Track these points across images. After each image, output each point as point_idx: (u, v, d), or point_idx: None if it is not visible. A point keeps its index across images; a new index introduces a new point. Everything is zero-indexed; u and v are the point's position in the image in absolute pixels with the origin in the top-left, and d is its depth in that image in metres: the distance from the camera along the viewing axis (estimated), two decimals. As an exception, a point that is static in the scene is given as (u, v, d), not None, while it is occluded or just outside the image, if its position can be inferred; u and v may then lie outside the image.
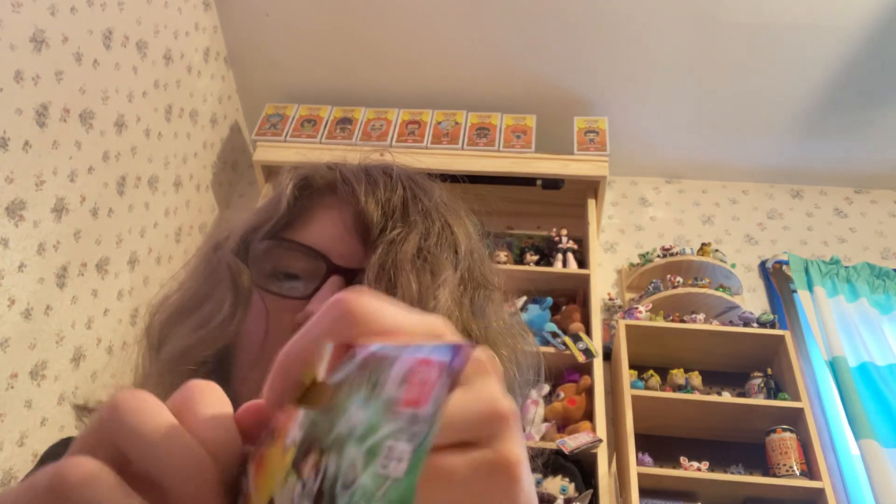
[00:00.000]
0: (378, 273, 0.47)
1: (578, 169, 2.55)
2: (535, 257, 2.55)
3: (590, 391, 2.12)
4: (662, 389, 2.22)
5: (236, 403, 0.43)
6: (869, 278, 2.55)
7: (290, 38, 2.79)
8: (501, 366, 0.49)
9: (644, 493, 1.95)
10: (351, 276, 0.48)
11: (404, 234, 0.49)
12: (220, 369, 0.50)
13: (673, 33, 2.58)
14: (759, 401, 2.13)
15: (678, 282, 2.44)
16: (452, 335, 0.25)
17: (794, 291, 2.57)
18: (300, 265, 0.50)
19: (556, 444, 1.93)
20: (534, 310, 2.31)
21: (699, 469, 2.05)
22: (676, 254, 2.55)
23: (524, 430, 0.55)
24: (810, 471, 1.99)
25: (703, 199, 2.97)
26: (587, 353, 2.16)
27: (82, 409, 0.51)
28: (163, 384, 0.49)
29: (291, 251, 0.51)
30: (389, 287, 0.46)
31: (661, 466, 2.10)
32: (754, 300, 2.60)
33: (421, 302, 0.46)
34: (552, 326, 2.26)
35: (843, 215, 2.88)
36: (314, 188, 0.55)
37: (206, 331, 0.49)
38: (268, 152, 2.64)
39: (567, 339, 2.19)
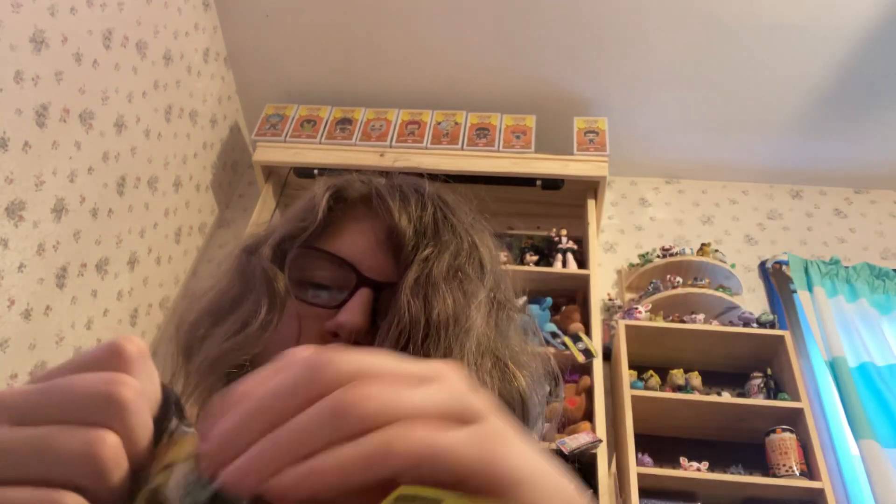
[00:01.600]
0: (413, 289, 0.48)
1: (578, 169, 2.55)
2: (535, 257, 2.55)
3: (589, 391, 2.12)
4: (662, 390, 2.22)
5: None
6: (869, 278, 2.55)
7: (290, 39, 2.79)
8: (526, 384, 0.50)
9: (644, 493, 1.95)
10: (379, 289, 0.50)
11: (437, 252, 0.51)
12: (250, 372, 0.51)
13: (673, 34, 2.58)
14: (759, 401, 2.13)
15: (678, 282, 2.44)
16: (457, 378, 0.27)
17: (794, 292, 2.57)
18: (331, 275, 0.52)
19: (555, 444, 1.93)
20: (533, 310, 2.31)
21: (699, 469, 2.05)
22: (676, 254, 2.55)
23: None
24: (810, 471, 1.99)
25: (703, 199, 2.97)
26: (587, 353, 2.16)
27: None
28: (202, 386, 0.51)
29: (323, 261, 0.52)
30: (426, 303, 0.47)
31: (661, 467, 2.10)
32: (754, 300, 2.59)
33: (456, 319, 0.47)
34: (552, 327, 2.26)
35: (842, 216, 2.88)
36: (347, 200, 0.56)
37: (242, 336, 0.50)
38: (268, 153, 2.64)
39: (567, 340, 2.19)
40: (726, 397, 2.19)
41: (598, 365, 2.16)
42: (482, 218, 0.59)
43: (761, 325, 2.31)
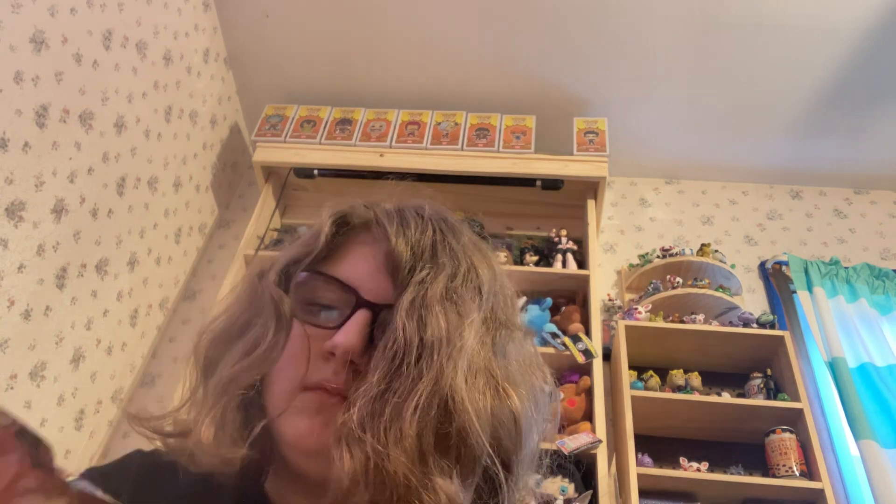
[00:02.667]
0: (409, 311, 0.50)
1: (578, 169, 2.55)
2: (535, 258, 2.55)
3: (589, 392, 2.12)
4: (662, 390, 2.22)
5: (274, 424, 0.52)
6: (868, 279, 2.55)
7: (290, 39, 2.79)
8: (520, 403, 0.52)
9: (644, 493, 1.95)
10: (378, 311, 0.52)
11: (433, 274, 0.53)
12: (263, 391, 0.55)
13: (672, 34, 2.58)
14: (759, 401, 2.13)
15: (678, 282, 2.44)
16: None
17: (794, 292, 2.57)
18: (333, 297, 0.54)
19: (555, 444, 1.93)
20: (533, 310, 2.31)
21: (699, 470, 2.05)
22: (676, 254, 2.55)
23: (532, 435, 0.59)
24: (810, 471, 1.99)
25: (703, 199, 2.97)
26: (587, 353, 2.16)
27: (134, 418, 0.56)
28: (217, 406, 0.54)
29: (325, 284, 0.55)
30: (419, 325, 0.49)
31: (661, 467, 2.10)
32: (754, 301, 2.60)
33: (448, 340, 0.49)
34: (552, 327, 2.26)
35: (842, 216, 2.88)
36: (350, 225, 0.59)
37: (252, 358, 0.54)
38: (267, 153, 2.64)
39: (567, 340, 2.19)
40: (726, 398, 2.19)
41: (598, 365, 2.16)
42: (483, 240, 0.61)
43: (761, 325, 2.31)
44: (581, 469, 1.96)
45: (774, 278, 2.65)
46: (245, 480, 0.54)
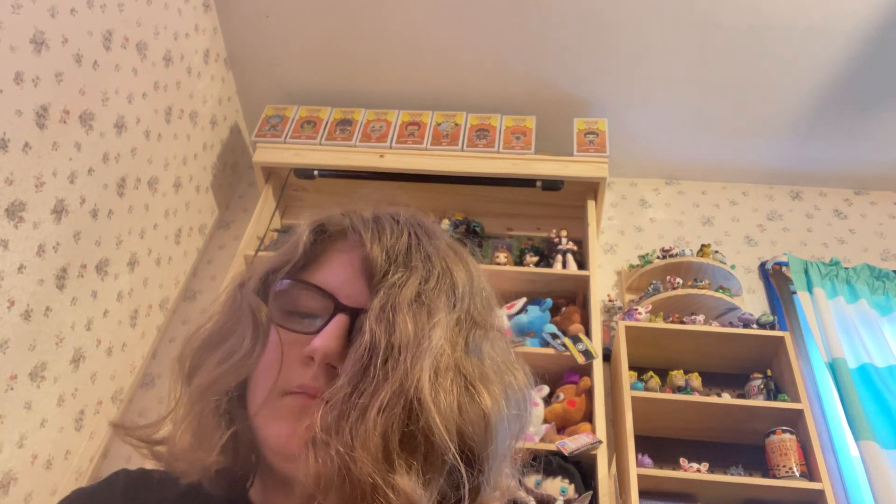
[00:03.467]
0: (378, 315, 0.51)
1: (578, 170, 2.55)
2: (535, 258, 2.55)
3: (589, 392, 2.12)
4: (662, 391, 2.22)
5: (256, 430, 0.53)
6: (868, 280, 2.55)
7: (290, 40, 2.79)
8: (492, 401, 0.52)
9: (644, 494, 1.95)
10: (355, 315, 0.53)
11: (405, 278, 0.54)
12: (242, 397, 0.56)
13: (672, 35, 2.58)
14: (759, 402, 2.13)
15: (678, 283, 2.44)
16: None
17: (794, 293, 2.57)
18: (312, 304, 0.55)
19: (555, 445, 1.93)
20: (533, 311, 2.31)
21: (699, 470, 2.05)
22: (676, 255, 2.55)
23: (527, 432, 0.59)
24: (810, 472, 1.99)
25: (703, 200, 2.97)
26: (587, 354, 2.16)
27: (120, 428, 0.57)
28: (193, 412, 0.56)
29: (304, 291, 0.56)
30: (388, 327, 0.50)
31: (661, 468, 2.10)
32: (754, 301, 2.60)
33: (416, 341, 0.50)
34: (552, 328, 2.26)
35: (842, 217, 2.88)
36: (328, 233, 0.60)
37: (229, 364, 0.55)
38: (268, 153, 2.64)
39: (567, 341, 2.19)
40: (726, 398, 2.19)
41: (598, 366, 2.16)
42: (461, 244, 0.62)
43: (761, 326, 2.31)
44: (581, 469, 1.96)
45: (774, 279, 2.65)
46: (231, 489, 0.55)
